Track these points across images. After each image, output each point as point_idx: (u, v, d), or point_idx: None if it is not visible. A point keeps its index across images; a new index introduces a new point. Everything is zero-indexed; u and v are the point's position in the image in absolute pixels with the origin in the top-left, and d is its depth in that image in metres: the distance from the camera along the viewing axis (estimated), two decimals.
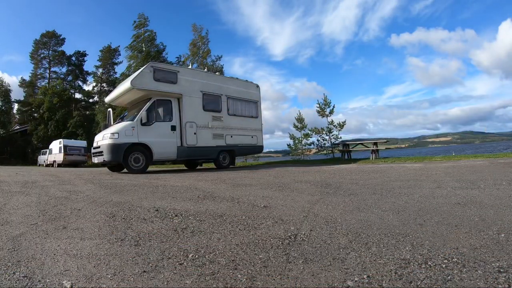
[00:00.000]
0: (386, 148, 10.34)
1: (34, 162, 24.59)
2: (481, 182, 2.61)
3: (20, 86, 33.53)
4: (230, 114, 8.49)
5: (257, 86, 9.43)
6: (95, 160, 6.72)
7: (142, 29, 25.36)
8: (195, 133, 7.45)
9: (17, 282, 0.84)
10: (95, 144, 6.91)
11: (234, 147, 8.49)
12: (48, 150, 20.24)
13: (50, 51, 34.13)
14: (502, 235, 1.11)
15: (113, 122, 7.74)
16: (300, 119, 12.78)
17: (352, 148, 10.60)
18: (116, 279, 0.83)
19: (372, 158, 9.05)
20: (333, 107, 11.92)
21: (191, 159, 7.92)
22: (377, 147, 9.50)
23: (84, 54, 35.67)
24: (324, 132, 12.09)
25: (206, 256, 1.00)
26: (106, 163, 6.70)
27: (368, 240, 1.11)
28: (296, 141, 12.86)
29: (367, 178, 3.43)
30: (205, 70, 9.95)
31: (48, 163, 19.48)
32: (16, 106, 32.78)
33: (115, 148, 6.19)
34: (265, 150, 10.14)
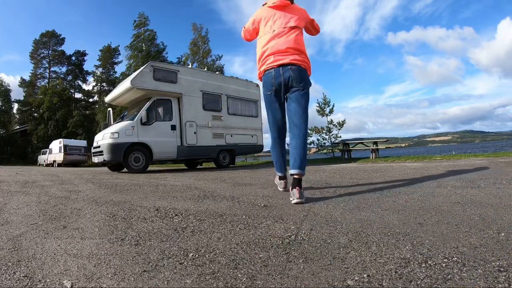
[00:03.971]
0: (386, 147, 10.34)
1: (34, 162, 24.62)
2: (481, 181, 2.61)
3: (20, 86, 33.54)
4: (230, 113, 8.48)
5: (257, 85, 9.42)
6: (95, 159, 6.72)
7: (142, 28, 25.34)
8: (195, 133, 7.45)
9: (18, 282, 0.84)
10: (95, 144, 6.91)
11: (234, 146, 8.49)
12: (48, 150, 20.25)
13: (50, 51, 34.13)
14: (502, 234, 1.11)
15: (113, 122, 7.75)
16: None
17: (352, 147, 10.60)
18: (117, 279, 0.84)
19: (372, 158, 9.05)
20: (333, 106, 11.92)
21: (191, 159, 7.92)
22: (377, 146, 9.49)
23: (84, 54, 35.65)
24: (323, 131, 12.08)
25: (206, 256, 1.00)
26: (106, 163, 6.71)
27: (368, 239, 1.11)
28: None
29: (367, 177, 3.43)
30: (205, 69, 9.94)
31: (48, 162, 19.50)
32: (16, 106, 32.79)
33: (115, 147, 6.19)
34: (265, 150, 10.15)
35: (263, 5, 2.40)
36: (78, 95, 34.03)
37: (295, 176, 2.01)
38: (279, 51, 2.18)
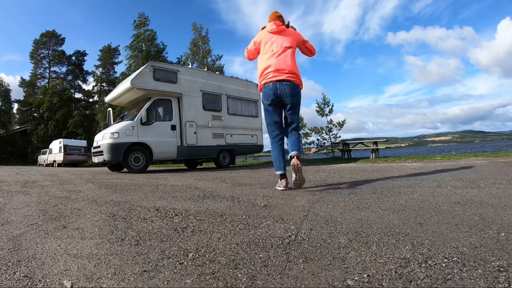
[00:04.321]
0: (386, 147, 10.34)
1: (34, 162, 24.62)
2: (481, 181, 2.61)
3: (20, 86, 33.51)
4: (230, 113, 8.47)
5: (257, 85, 9.40)
6: (95, 159, 6.72)
7: (142, 28, 25.32)
8: (195, 133, 7.44)
9: (18, 282, 0.84)
10: (95, 144, 6.91)
11: (234, 146, 8.48)
12: (48, 150, 20.24)
13: (50, 51, 34.11)
14: (502, 234, 1.11)
15: (113, 122, 7.74)
16: None
17: (352, 147, 10.60)
18: (117, 279, 0.84)
19: (372, 158, 9.05)
20: (332, 106, 11.93)
21: (191, 159, 7.92)
22: (377, 146, 9.49)
23: (84, 54, 35.63)
24: (323, 131, 12.09)
25: (206, 256, 1.00)
26: (106, 163, 6.70)
27: (368, 239, 1.11)
28: None
29: (367, 177, 3.43)
30: (205, 69, 9.94)
31: (48, 162, 19.49)
32: (16, 106, 32.79)
33: (115, 147, 6.19)
34: (265, 150, 10.14)
35: (262, 28, 2.88)
36: (78, 95, 34.02)
37: (294, 156, 2.51)
38: (277, 69, 2.66)
